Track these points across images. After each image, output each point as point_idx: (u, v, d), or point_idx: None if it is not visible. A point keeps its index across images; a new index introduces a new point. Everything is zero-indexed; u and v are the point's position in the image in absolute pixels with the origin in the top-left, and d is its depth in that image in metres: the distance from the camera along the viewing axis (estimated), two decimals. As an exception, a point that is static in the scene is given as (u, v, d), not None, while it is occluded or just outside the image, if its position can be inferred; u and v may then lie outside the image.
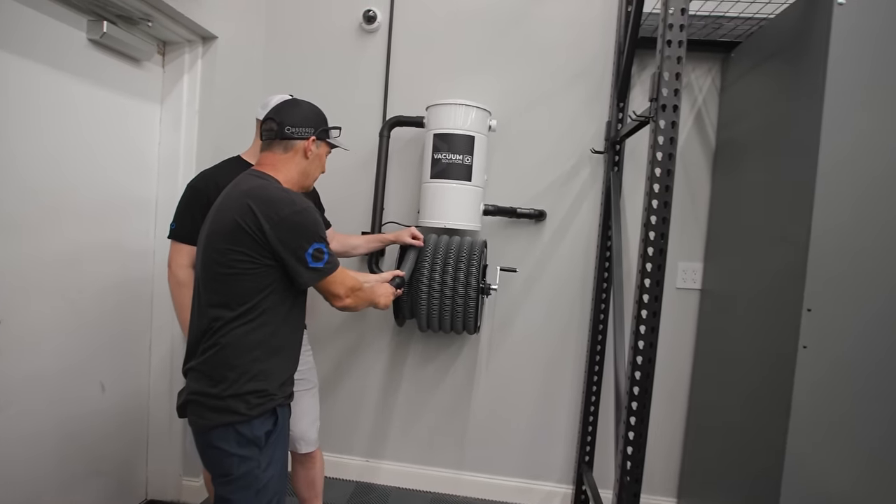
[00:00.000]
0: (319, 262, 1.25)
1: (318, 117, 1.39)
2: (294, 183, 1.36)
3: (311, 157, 1.37)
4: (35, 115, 1.56)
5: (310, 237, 1.23)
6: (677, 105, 1.49)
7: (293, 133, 1.32)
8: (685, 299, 2.22)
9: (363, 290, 1.40)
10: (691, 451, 2.19)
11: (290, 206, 1.21)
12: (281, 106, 1.36)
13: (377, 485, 2.42)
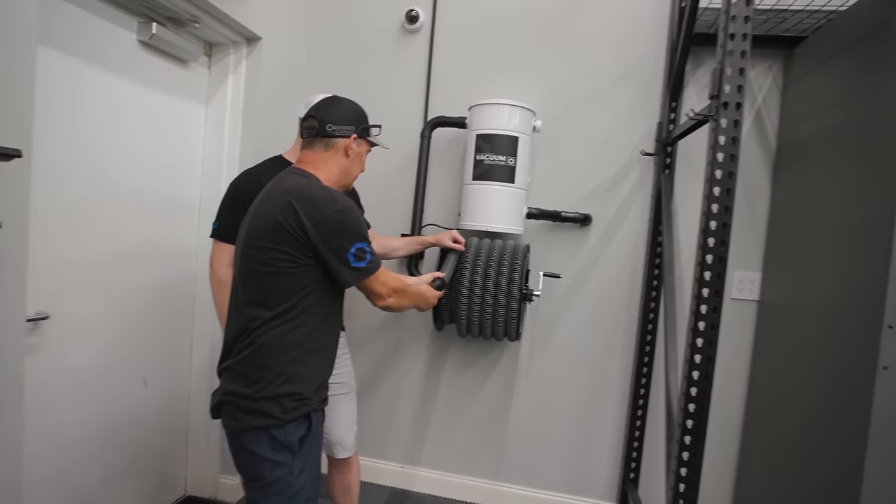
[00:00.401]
0: (362, 262, 1.22)
1: (359, 115, 1.37)
2: (335, 181, 1.33)
3: (352, 156, 1.35)
4: (86, 114, 1.59)
5: (352, 236, 1.20)
6: (741, 102, 1.38)
7: (334, 131, 1.30)
8: (741, 311, 2.08)
9: (406, 291, 1.38)
10: (746, 475, 2.05)
11: (332, 205, 1.19)
12: (322, 103, 1.34)
13: (412, 492, 2.37)
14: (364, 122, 1.37)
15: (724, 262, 1.41)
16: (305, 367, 1.22)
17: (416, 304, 1.46)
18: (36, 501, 1.50)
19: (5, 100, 1.17)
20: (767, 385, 1.96)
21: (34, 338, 1.48)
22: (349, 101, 1.37)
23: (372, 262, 1.25)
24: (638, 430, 2.12)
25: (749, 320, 2.08)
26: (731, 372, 2.09)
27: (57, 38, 1.47)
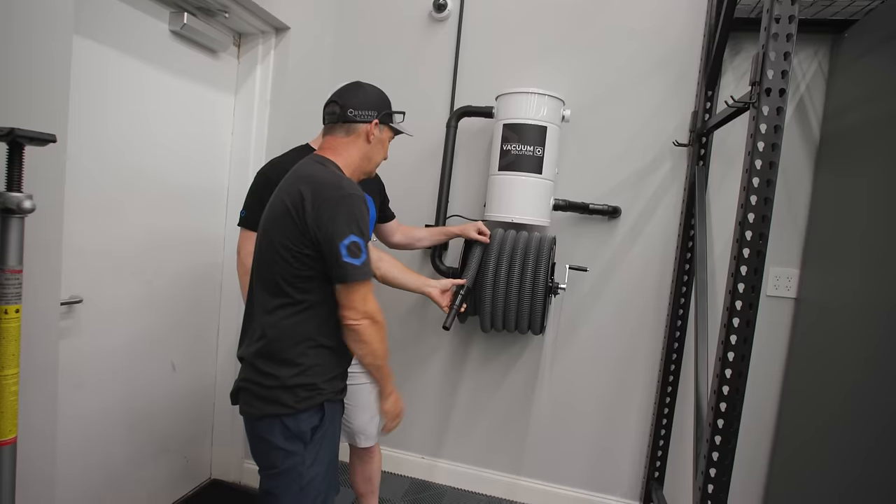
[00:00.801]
0: (355, 259, 1.13)
1: (381, 101, 1.34)
2: (355, 167, 1.30)
3: (374, 142, 1.32)
4: (118, 103, 1.62)
5: (349, 225, 1.13)
6: (784, 89, 1.32)
7: (355, 116, 1.27)
8: (777, 308, 2.00)
9: (380, 329, 1.22)
10: (779, 477, 1.98)
11: (336, 190, 1.14)
12: (344, 89, 1.31)
13: (432, 483, 2.37)
14: (387, 108, 1.34)
15: (763, 256, 1.35)
16: (317, 360, 1.19)
17: (375, 351, 1.24)
18: (69, 476, 1.55)
19: (42, 88, 1.20)
20: (802, 386, 1.88)
21: (68, 321, 1.52)
22: (372, 87, 1.34)
23: (364, 267, 1.15)
24: (664, 429, 2.07)
25: (785, 319, 1.99)
26: (764, 371, 2.02)
27: (91, 27, 1.49)
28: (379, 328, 1.22)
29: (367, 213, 1.18)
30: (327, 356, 1.22)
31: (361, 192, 1.18)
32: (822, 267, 1.86)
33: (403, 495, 2.26)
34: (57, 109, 1.24)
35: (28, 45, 1.16)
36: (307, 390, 1.19)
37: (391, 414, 1.39)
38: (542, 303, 1.86)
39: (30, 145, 1.03)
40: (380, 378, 1.33)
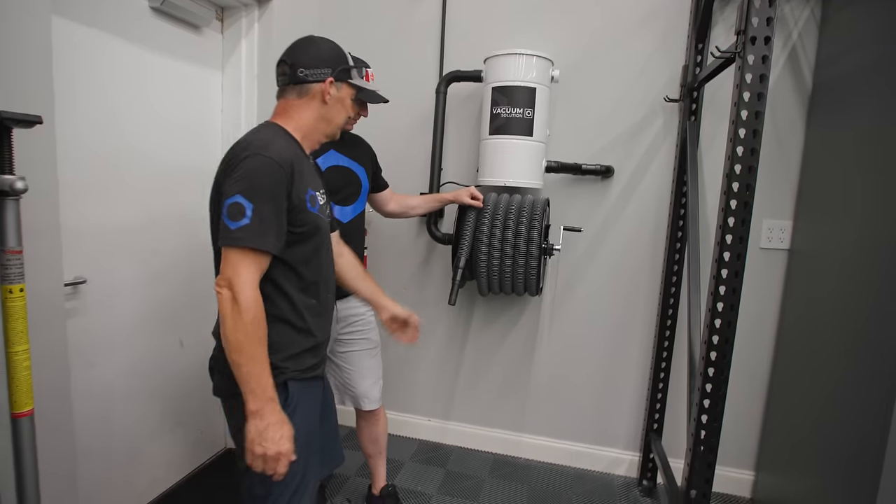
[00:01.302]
0: (232, 221, 0.99)
1: (336, 56, 1.22)
2: (311, 129, 1.20)
3: (331, 102, 1.20)
4: (104, 83, 1.62)
5: (238, 184, 1.00)
6: (770, 37, 1.31)
7: (307, 76, 1.17)
8: (770, 260, 2.02)
9: (238, 310, 0.99)
10: (773, 423, 2.04)
11: (243, 150, 1.05)
12: (293, 46, 1.22)
13: (439, 443, 2.46)
14: (342, 63, 1.22)
15: (750, 207, 1.37)
16: (272, 337, 1.07)
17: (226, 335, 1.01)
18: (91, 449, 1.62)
19: (25, 70, 1.20)
20: (796, 335, 1.92)
21: (74, 301, 1.56)
22: (325, 42, 1.23)
23: (240, 232, 0.99)
24: (662, 382, 2.12)
25: (778, 270, 2.02)
26: (758, 325, 2.06)
27: (70, 7, 1.48)
28: (237, 310, 0.99)
29: (276, 175, 1.03)
30: (285, 332, 1.13)
31: (279, 156, 1.05)
32: (814, 218, 1.87)
33: (412, 456, 2.34)
34: (42, 92, 1.25)
35: (5, 26, 1.15)
36: None
37: (248, 444, 1.00)
38: (536, 264, 1.89)
39: (17, 127, 1.05)
40: (240, 384, 1.01)
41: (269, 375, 1.03)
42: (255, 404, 1.00)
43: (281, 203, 1.05)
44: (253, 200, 1.00)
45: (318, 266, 1.19)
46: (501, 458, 2.36)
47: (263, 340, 1.02)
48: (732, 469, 2.14)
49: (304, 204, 1.11)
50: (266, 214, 1.01)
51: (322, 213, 1.19)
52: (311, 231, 1.14)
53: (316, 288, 1.19)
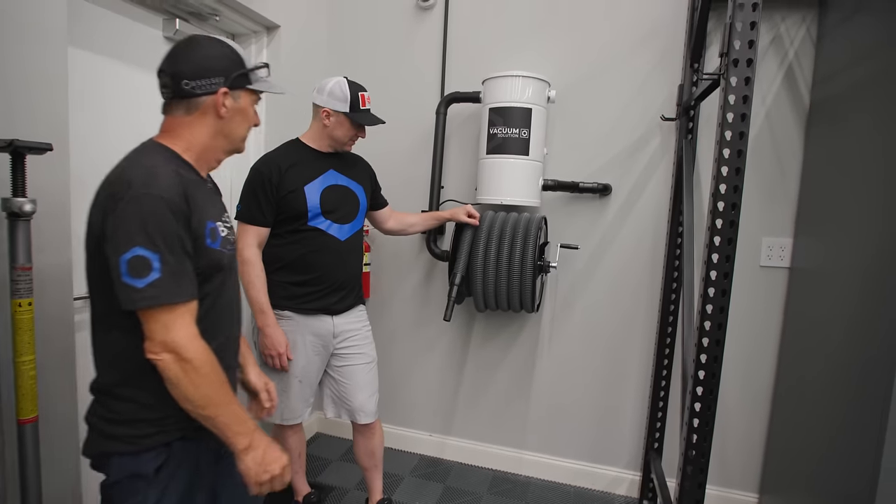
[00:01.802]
0: (137, 279, 0.86)
1: (227, 60, 1.02)
2: (206, 148, 1.04)
3: (228, 115, 1.03)
4: (119, 109, 1.72)
5: (132, 235, 0.86)
6: (752, 59, 1.33)
7: (194, 88, 0.99)
8: (771, 278, 2.00)
9: (189, 368, 0.90)
10: (777, 445, 2.00)
11: (128, 189, 0.88)
12: (173, 52, 1.01)
13: (439, 459, 2.47)
14: (238, 68, 1.03)
15: (735, 226, 1.37)
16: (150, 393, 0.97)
17: (189, 397, 0.92)
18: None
19: (41, 99, 1.30)
20: (798, 355, 1.89)
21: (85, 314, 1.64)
22: (213, 44, 1.03)
23: (151, 290, 0.87)
24: (662, 401, 2.10)
25: (779, 288, 2.00)
26: (760, 344, 2.03)
27: (86, 39, 1.59)
28: (190, 368, 0.90)
29: (171, 217, 0.89)
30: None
31: (168, 191, 0.90)
32: (814, 235, 1.85)
33: (412, 471, 2.36)
34: (57, 119, 1.34)
35: (25, 59, 1.25)
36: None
37: (253, 475, 0.97)
38: (531, 281, 1.91)
39: (30, 154, 1.13)
40: (219, 433, 0.95)
41: (243, 408, 0.98)
42: (245, 441, 0.95)
43: (184, 241, 0.92)
44: (157, 249, 0.87)
45: (221, 305, 1.06)
46: (501, 475, 2.36)
47: (226, 382, 0.95)
48: (736, 491, 2.10)
49: (203, 240, 0.97)
50: (174, 261, 0.90)
51: (224, 248, 1.04)
52: (212, 268, 1.00)
53: (217, 329, 1.04)
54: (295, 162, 1.69)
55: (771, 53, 1.95)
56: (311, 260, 1.70)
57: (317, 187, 1.70)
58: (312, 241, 1.70)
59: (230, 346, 1.12)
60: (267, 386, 1.28)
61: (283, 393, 1.74)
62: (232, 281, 1.11)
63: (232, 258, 1.10)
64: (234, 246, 1.14)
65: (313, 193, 1.68)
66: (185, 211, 0.92)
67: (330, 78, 1.70)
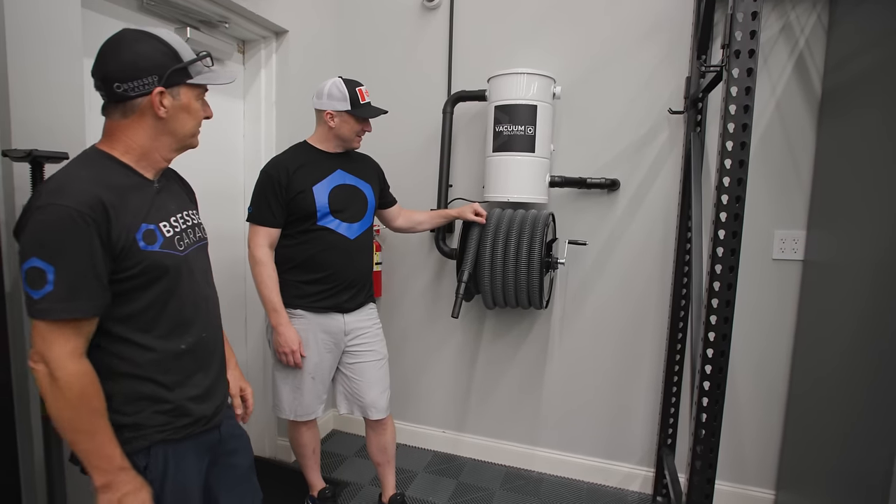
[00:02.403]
0: (35, 290, 0.86)
1: (160, 56, 0.97)
2: (149, 149, 1.01)
3: (169, 115, 0.99)
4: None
5: (32, 242, 0.86)
6: (754, 49, 1.31)
7: (127, 90, 0.94)
8: (784, 271, 1.97)
9: (59, 388, 0.88)
10: (793, 440, 1.97)
11: (36, 198, 0.89)
12: (101, 52, 0.97)
13: (452, 455, 2.49)
14: (173, 62, 0.97)
15: (740, 219, 1.36)
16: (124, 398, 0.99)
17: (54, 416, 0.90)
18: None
19: (58, 109, 1.35)
20: (813, 349, 1.86)
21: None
22: (142, 41, 0.97)
23: (44, 303, 0.86)
24: (674, 397, 2.09)
25: (793, 282, 1.96)
26: (774, 339, 2.00)
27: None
28: (57, 387, 0.88)
29: (75, 229, 0.86)
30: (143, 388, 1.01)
31: (79, 200, 0.88)
32: (829, 227, 1.82)
33: (426, 467, 2.39)
34: (75, 128, 1.40)
35: (43, 71, 1.31)
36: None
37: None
38: (538, 278, 1.92)
39: (48, 163, 1.18)
40: (82, 461, 0.93)
41: (115, 444, 0.94)
42: (102, 478, 0.92)
43: (93, 255, 0.89)
44: (53, 262, 0.85)
45: (180, 306, 1.04)
46: (514, 471, 2.37)
47: (99, 411, 0.92)
48: (752, 488, 2.08)
49: (136, 244, 0.95)
50: (72, 275, 0.87)
51: (172, 248, 1.02)
52: (153, 272, 0.98)
53: (182, 330, 1.04)
54: (303, 163, 1.73)
55: (781, 42, 1.92)
56: (322, 259, 1.73)
57: (325, 187, 1.73)
58: (322, 240, 1.73)
59: (205, 346, 1.11)
60: (243, 392, 1.29)
61: (297, 390, 1.78)
62: (195, 280, 1.09)
63: (189, 258, 1.07)
64: (200, 242, 1.14)
65: (322, 193, 1.72)
66: (100, 220, 0.89)
67: (325, 81, 1.73)
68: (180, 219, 1.09)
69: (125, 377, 0.98)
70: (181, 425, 1.04)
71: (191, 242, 1.10)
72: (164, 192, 1.09)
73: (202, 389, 1.09)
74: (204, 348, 1.11)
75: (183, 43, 1.03)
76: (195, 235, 1.13)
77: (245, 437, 1.29)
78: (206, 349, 1.11)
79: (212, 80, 1.05)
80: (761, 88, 1.93)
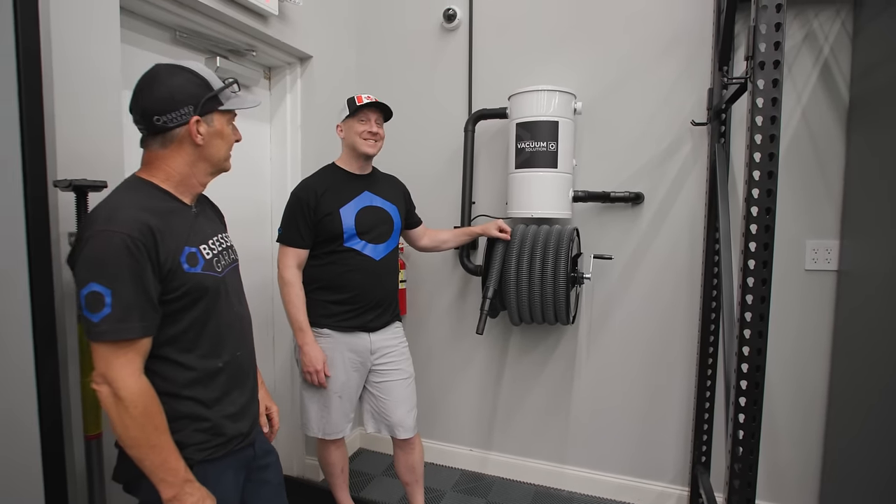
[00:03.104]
0: (93, 314, 0.91)
1: (193, 87, 1.03)
2: (186, 175, 1.07)
3: (206, 141, 1.05)
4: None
5: (88, 271, 0.91)
6: (779, 60, 1.31)
7: (166, 122, 1.01)
8: (817, 283, 1.92)
9: (123, 408, 0.92)
10: (833, 457, 1.90)
11: (89, 227, 0.94)
12: (138, 88, 1.03)
13: (480, 473, 2.46)
14: (205, 92, 1.04)
15: (771, 230, 1.34)
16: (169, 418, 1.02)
17: (120, 435, 0.95)
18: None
19: (99, 140, 1.42)
20: (851, 362, 1.80)
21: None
22: (175, 73, 1.03)
23: (104, 325, 0.91)
24: (707, 413, 2.04)
25: (827, 293, 1.91)
26: (810, 352, 1.95)
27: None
28: (123, 406, 0.92)
29: (128, 254, 0.91)
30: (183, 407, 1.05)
31: (130, 226, 0.93)
32: (863, 236, 1.77)
33: (454, 486, 2.37)
34: (113, 156, 1.46)
35: (86, 105, 1.37)
36: None
37: None
38: (564, 293, 1.91)
39: (91, 192, 1.24)
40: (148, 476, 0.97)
41: (179, 458, 0.98)
42: (170, 491, 0.96)
43: (144, 278, 0.94)
44: (109, 285, 0.90)
45: (218, 325, 1.08)
46: (543, 490, 2.33)
47: (162, 427, 0.97)
48: (793, 507, 2.00)
49: (181, 267, 1.01)
50: (127, 297, 0.92)
51: (211, 269, 1.08)
52: (195, 293, 1.03)
53: (219, 349, 1.09)
54: (330, 185, 1.77)
55: (805, 50, 1.90)
56: (348, 279, 1.76)
57: (352, 209, 1.76)
58: (349, 261, 1.75)
59: (240, 364, 1.15)
60: (269, 412, 1.34)
61: (325, 408, 1.79)
62: (230, 301, 1.13)
63: (226, 280, 1.12)
64: (234, 264, 1.19)
65: (348, 215, 1.75)
66: (151, 243, 0.95)
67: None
68: (216, 241, 1.14)
69: (166, 396, 1.01)
70: (219, 443, 1.08)
71: (226, 264, 1.15)
72: (201, 217, 1.14)
73: (238, 407, 1.13)
74: (239, 367, 1.15)
75: (211, 72, 1.09)
76: (229, 257, 1.18)
77: (275, 454, 1.32)
78: (241, 367, 1.15)
79: (239, 104, 1.11)
80: (786, 97, 1.91)
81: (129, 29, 1.67)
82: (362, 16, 2.54)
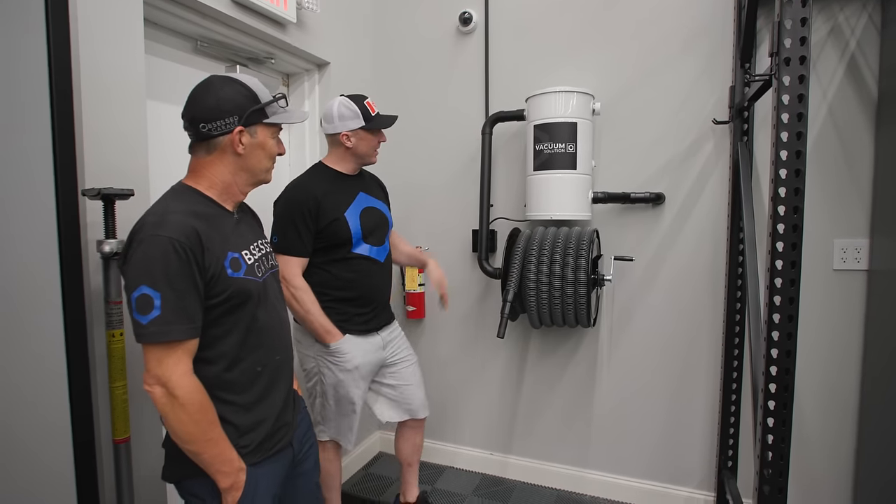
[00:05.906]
0: (142, 315, 0.94)
1: (241, 99, 1.07)
2: (228, 184, 1.11)
3: (247, 152, 1.09)
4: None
5: (140, 272, 0.95)
6: (805, 56, 1.28)
7: (211, 130, 1.05)
8: (847, 283, 1.88)
9: (177, 405, 0.96)
10: (867, 462, 1.84)
11: (139, 232, 0.98)
12: (191, 97, 1.08)
13: (501, 478, 2.45)
14: (252, 104, 1.07)
15: (799, 230, 1.31)
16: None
17: (175, 431, 0.98)
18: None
19: (125, 149, 1.44)
20: (884, 364, 1.75)
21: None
22: (226, 84, 1.07)
23: (153, 326, 0.94)
24: (733, 416, 2.00)
25: (857, 293, 1.86)
26: (841, 354, 1.90)
27: (161, 91, 1.76)
28: (178, 404, 0.96)
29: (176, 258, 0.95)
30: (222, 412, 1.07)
31: (178, 231, 0.97)
32: (894, 233, 1.73)
33: (474, 490, 2.35)
34: (138, 165, 1.48)
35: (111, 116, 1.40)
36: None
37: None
38: (585, 296, 1.89)
39: (118, 200, 1.26)
40: (204, 468, 1.02)
41: (232, 449, 1.03)
42: (227, 480, 1.01)
43: (191, 281, 0.97)
44: (159, 289, 0.94)
45: (259, 330, 1.11)
46: (565, 495, 2.30)
47: (215, 421, 1.01)
48: (824, 513, 1.95)
49: (224, 271, 1.04)
50: (176, 299, 0.95)
51: (253, 274, 1.10)
52: (238, 297, 1.06)
53: (259, 353, 1.12)
54: (328, 188, 1.69)
55: (830, 45, 1.86)
56: (361, 285, 1.72)
57: (354, 212, 1.71)
58: (360, 266, 1.72)
59: (279, 368, 1.17)
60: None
61: (344, 417, 1.76)
62: (269, 305, 1.15)
63: (266, 284, 1.15)
64: (272, 269, 1.22)
65: (354, 219, 1.70)
66: (197, 248, 0.99)
67: (331, 104, 1.70)
68: (256, 248, 1.17)
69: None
70: (257, 447, 1.10)
71: (266, 269, 1.18)
72: (243, 223, 1.18)
73: (277, 410, 1.15)
74: (277, 370, 1.17)
75: (262, 87, 1.12)
76: (268, 263, 1.21)
77: (313, 439, 1.35)
78: (279, 371, 1.17)
79: (285, 119, 1.15)
80: (811, 93, 1.87)
81: (152, 40, 1.70)
82: (378, 20, 2.56)
